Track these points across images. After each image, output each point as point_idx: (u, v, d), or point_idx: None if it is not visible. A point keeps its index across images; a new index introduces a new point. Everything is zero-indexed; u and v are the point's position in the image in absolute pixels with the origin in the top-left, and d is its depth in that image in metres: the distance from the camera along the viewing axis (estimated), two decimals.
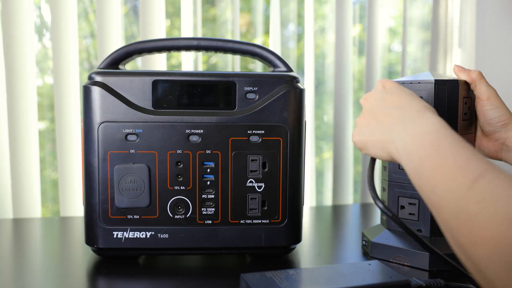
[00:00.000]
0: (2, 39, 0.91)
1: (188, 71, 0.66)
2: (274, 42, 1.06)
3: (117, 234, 0.63)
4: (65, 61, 0.94)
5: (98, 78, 0.62)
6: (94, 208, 0.63)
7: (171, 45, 0.70)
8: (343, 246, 0.77)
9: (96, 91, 0.62)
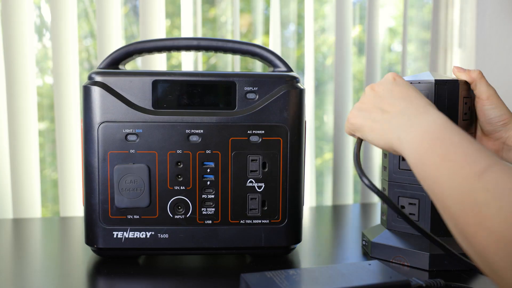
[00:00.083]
0: (2, 39, 0.91)
1: (188, 71, 0.66)
2: (274, 42, 1.06)
3: (117, 234, 0.63)
4: (65, 61, 0.94)
5: (98, 78, 0.62)
6: (94, 208, 0.63)
7: (171, 45, 0.70)
8: (343, 246, 0.77)
9: (96, 91, 0.62)
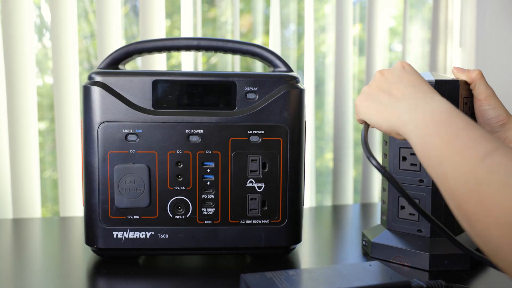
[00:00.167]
0: (2, 39, 0.91)
1: (188, 71, 0.66)
2: (274, 42, 1.06)
3: (117, 234, 0.63)
4: (65, 61, 0.94)
5: (98, 78, 0.62)
6: (94, 208, 0.63)
7: (171, 45, 0.69)
8: (343, 246, 0.77)
9: (96, 91, 0.62)
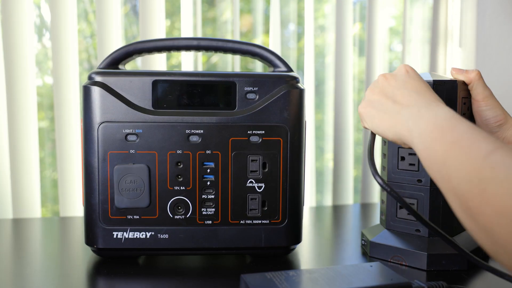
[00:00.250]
0: (2, 39, 0.91)
1: (188, 71, 0.66)
2: (274, 42, 1.06)
3: (117, 235, 0.63)
4: (65, 61, 0.94)
5: (98, 78, 0.62)
6: (94, 208, 0.63)
7: (171, 45, 0.69)
8: (343, 246, 0.77)
9: (96, 91, 0.62)
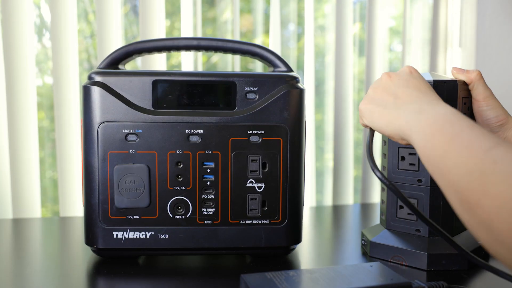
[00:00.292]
0: (2, 39, 0.91)
1: (188, 71, 0.66)
2: (274, 42, 1.06)
3: (117, 235, 0.63)
4: (65, 61, 0.94)
5: (98, 78, 0.62)
6: (94, 208, 0.63)
7: (171, 45, 0.69)
8: (343, 246, 0.77)
9: (96, 91, 0.62)
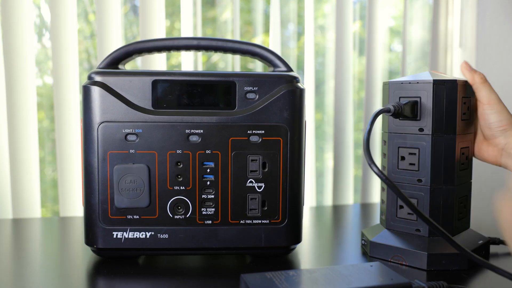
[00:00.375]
0: (1, 39, 0.91)
1: (188, 71, 0.66)
2: (274, 42, 1.06)
3: (117, 234, 0.63)
4: (65, 61, 0.94)
5: (97, 78, 0.62)
6: (94, 208, 0.63)
7: (171, 45, 0.69)
8: (343, 246, 0.77)
9: (95, 91, 0.62)
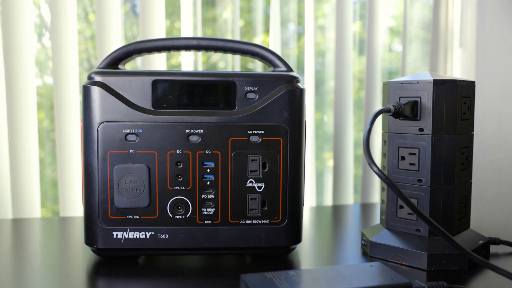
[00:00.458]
0: (2, 39, 0.91)
1: (188, 71, 0.66)
2: (274, 42, 1.06)
3: (117, 235, 0.63)
4: (65, 61, 0.94)
5: (97, 78, 0.62)
6: (94, 208, 0.63)
7: (171, 45, 0.69)
8: (343, 246, 0.77)
9: (95, 91, 0.62)
